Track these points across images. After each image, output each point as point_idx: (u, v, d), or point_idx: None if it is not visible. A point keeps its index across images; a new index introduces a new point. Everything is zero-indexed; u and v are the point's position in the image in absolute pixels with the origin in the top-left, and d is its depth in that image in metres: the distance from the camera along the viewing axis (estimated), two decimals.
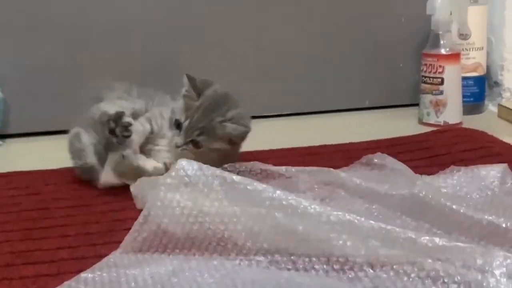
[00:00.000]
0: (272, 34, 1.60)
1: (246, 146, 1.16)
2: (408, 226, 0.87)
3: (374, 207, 0.93)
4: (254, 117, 1.59)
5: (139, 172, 1.09)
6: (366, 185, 0.97)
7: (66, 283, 0.76)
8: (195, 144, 1.11)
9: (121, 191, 1.11)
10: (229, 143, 1.13)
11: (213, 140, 1.11)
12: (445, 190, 0.96)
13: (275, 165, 1.07)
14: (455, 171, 1.02)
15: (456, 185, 0.98)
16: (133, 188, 1.02)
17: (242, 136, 1.14)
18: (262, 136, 1.44)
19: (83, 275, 0.77)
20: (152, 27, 1.54)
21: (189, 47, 1.56)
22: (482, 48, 1.60)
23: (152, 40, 1.55)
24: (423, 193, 0.90)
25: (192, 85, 1.14)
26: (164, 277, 0.76)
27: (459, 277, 0.70)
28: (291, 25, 1.61)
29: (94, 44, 1.52)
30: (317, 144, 1.35)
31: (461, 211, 0.86)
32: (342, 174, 1.01)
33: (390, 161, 1.06)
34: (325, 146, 1.34)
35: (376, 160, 1.07)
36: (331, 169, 1.04)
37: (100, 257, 0.84)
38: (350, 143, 1.35)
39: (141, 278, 0.76)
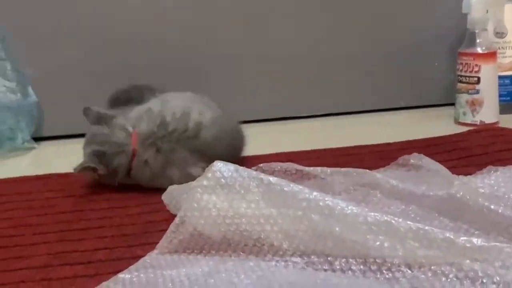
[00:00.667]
0: (305, 36, 1.60)
1: (280, 147, 1.15)
2: (445, 227, 0.85)
3: (410, 208, 0.92)
4: (287, 119, 1.61)
5: None
6: (403, 186, 0.96)
7: (104, 283, 0.76)
8: None
9: (155, 193, 1.11)
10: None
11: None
12: (483, 191, 0.95)
13: (310, 166, 1.07)
14: (492, 171, 1.00)
15: (494, 185, 0.97)
16: (164, 196, 1.02)
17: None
18: (296, 137, 1.44)
19: (120, 275, 0.77)
20: (186, 29, 1.55)
21: (221, 50, 1.56)
22: None
23: (184, 41, 1.55)
24: (461, 193, 0.89)
25: (89, 118, 1.22)
26: (200, 278, 0.76)
27: (498, 278, 0.69)
28: (326, 27, 1.61)
29: (127, 45, 1.53)
30: (351, 145, 1.34)
31: (499, 211, 0.84)
32: (378, 175, 1.00)
33: (426, 161, 1.05)
34: (359, 147, 1.33)
35: (412, 161, 1.06)
36: (367, 170, 1.03)
37: (136, 258, 0.84)
38: (385, 144, 1.34)
39: (177, 279, 0.76)
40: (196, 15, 1.55)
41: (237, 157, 1.20)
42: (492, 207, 0.85)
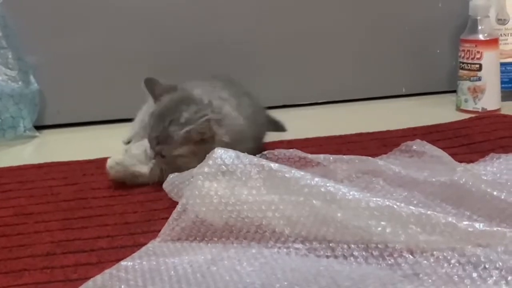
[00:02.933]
0: (305, 23, 1.59)
1: (283, 135, 1.15)
2: (448, 213, 0.85)
3: (413, 195, 0.92)
4: (289, 106, 1.61)
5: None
6: (405, 172, 0.96)
7: (107, 271, 0.76)
8: (161, 154, 1.06)
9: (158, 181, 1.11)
10: (197, 144, 1.05)
11: (173, 147, 1.05)
12: (485, 178, 0.95)
13: (312, 153, 1.07)
14: (495, 159, 1.00)
15: (497, 172, 0.97)
16: (165, 185, 1.01)
17: (206, 132, 1.05)
18: (299, 125, 1.44)
19: (123, 263, 0.78)
20: (190, 19, 1.54)
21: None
22: None
23: (191, 31, 1.54)
24: (463, 180, 0.89)
25: (149, 90, 1.11)
26: (203, 265, 0.76)
27: (500, 263, 0.70)
28: (327, 14, 1.60)
29: (131, 34, 1.53)
30: (353, 132, 1.34)
31: (502, 197, 0.84)
32: (380, 162, 1.00)
33: (429, 148, 1.04)
34: (361, 134, 1.33)
35: (415, 147, 1.06)
36: (369, 157, 1.03)
37: (139, 246, 0.84)
38: (387, 131, 1.33)
39: (180, 267, 0.76)
40: (200, 7, 1.55)
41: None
42: (495, 193, 0.85)
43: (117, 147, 1.31)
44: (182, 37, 1.54)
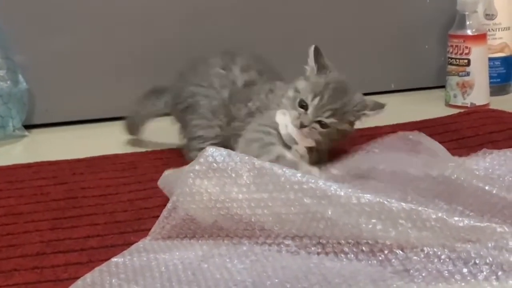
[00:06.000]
0: (295, 19, 1.59)
1: None
2: (440, 209, 0.85)
3: (407, 191, 0.91)
4: None
5: None
6: (398, 169, 0.96)
7: (97, 268, 0.76)
8: (322, 124, 1.06)
9: (148, 179, 1.11)
10: (350, 125, 1.10)
11: (342, 122, 1.07)
12: (478, 173, 0.95)
13: None
14: (487, 154, 1.00)
15: (489, 167, 0.97)
16: (160, 181, 1.00)
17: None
18: None
19: (114, 259, 0.78)
20: (181, 17, 1.54)
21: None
22: (509, 28, 1.59)
23: (179, 28, 1.54)
24: (455, 175, 0.89)
25: (315, 58, 1.12)
26: (194, 262, 0.76)
27: (490, 258, 0.70)
28: (316, 11, 1.60)
29: (119, 32, 1.52)
30: None
31: (494, 192, 0.84)
32: (374, 157, 1.00)
33: (426, 139, 1.04)
34: None
35: (411, 137, 1.05)
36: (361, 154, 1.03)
37: (129, 244, 0.84)
38: (376, 127, 1.33)
39: (171, 263, 0.76)
40: (192, 5, 1.55)
41: None
42: (487, 188, 0.85)
43: (106, 145, 1.31)
44: (172, 36, 1.53)
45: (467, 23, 1.48)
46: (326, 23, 1.61)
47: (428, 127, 1.32)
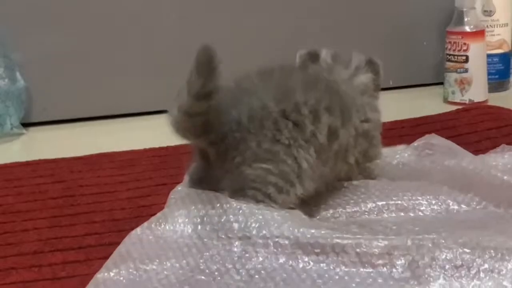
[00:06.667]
0: (290, 16, 1.59)
1: None
2: (456, 198, 0.84)
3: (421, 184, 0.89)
4: None
5: None
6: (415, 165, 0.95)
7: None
8: None
9: (146, 177, 1.11)
10: None
11: None
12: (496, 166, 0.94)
13: None
14: (506, 150, 0.99)
15: (507, 163, 0.95)
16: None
17: None
18: None
19: (99, 275, 0.72)
20: (176, 17, 1.54)
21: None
22: (507, 24, 1.58)
23: (177, 26, 1.54)
24: (472, 166, 0.89)
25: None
26: (187, 273, 0.72)
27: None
28: (312, 7, 1.60)
29: (118, 30, 1.52)
30: None
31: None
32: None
33: (438, 140, 1.03)
34: None
35: (424, 141, 1.03)
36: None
37: None
38: None
39: (163, 275, 0.71)
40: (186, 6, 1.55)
41: None
42: (505, 177, 0.85)
43: (104, 143, 1.31)
44: (169, 34, 1.53)
45: (465, 19, 1.48)
46: (324, 20, 1.61)
47: (426, 123, 1.32)
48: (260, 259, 0.72)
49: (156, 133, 1.33)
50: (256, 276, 0.70)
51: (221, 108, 0.78)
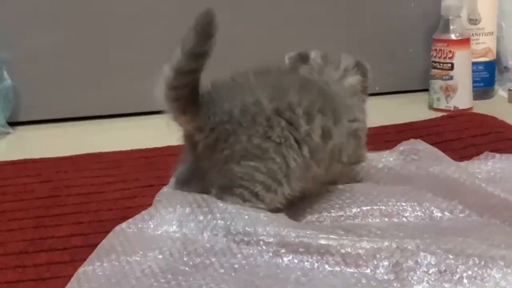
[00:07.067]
0: (279, 21, 1.60)
1: None
2: (440, 205, 0.85)
3: (403, 188, 0.90)
4: None
5: None
6: (402, 170, 0.95)
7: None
8: None
9: (132, 178, 1.11)
10: None
11: None
12: (480, 176, 0.95)
13: None
14: (489, 157, 1.00)
15: (491, 170, 0.96)
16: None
17: None
18: None
19: (81, 269, 0.73)
20: (171, 15, 1.54)
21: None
22: (492, 33, 1.60)
23: (169, 24, 1.54)
24: (457, 174, 0.89)
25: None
26: (171, 264, 0.73)
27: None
28: (299, 13, 1.61)
29: (106, 29, 1.52)
30: None
31: (495, 193, 0.84)
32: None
33: (423, 145, 1.03)
34: None
35: (409, 146, 1.03)
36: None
37: None
38: None
39: (146, 266, 0.72)
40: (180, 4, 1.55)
41: None
42: (489, 189, 0.85)
43: (91, 144, 1.31)
44: (159, 33, 1.53)
45: (451, 27, 1.49)
46: (310, 26, 1.62)
47: (412, 129, 1.32)
48: (245, 255, 0.72)
49: (143, 134, 1.35)
50: (240, 270, 0.71)
51: (213, 96, 0.80)
